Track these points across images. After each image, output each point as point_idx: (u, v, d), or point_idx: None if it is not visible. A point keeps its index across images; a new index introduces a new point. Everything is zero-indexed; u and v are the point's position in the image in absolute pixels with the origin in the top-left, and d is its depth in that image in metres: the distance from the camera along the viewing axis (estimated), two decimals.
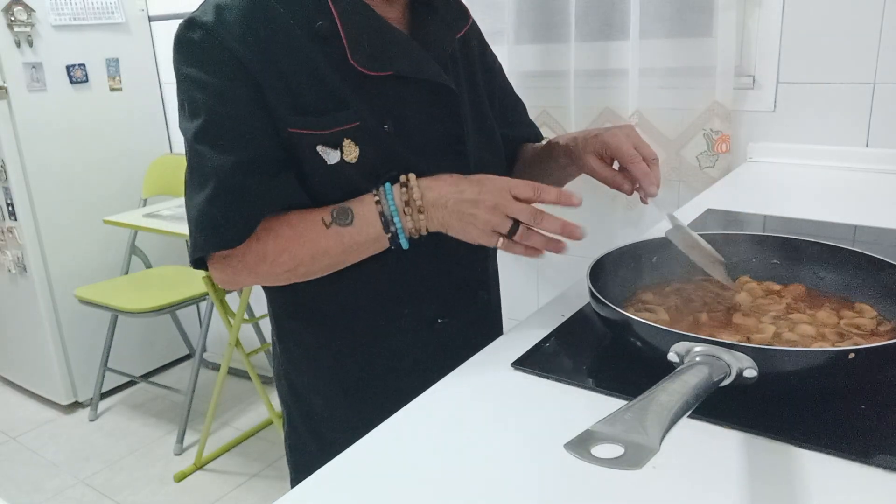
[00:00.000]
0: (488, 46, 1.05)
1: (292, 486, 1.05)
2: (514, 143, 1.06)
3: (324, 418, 0.98)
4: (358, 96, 0.81)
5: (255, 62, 0.77)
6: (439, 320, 0.94)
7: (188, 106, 0.80)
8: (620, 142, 0.87)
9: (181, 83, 0.80)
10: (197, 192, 0.79)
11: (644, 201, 0.89)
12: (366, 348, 0.93)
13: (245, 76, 0.77)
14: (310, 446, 1.01)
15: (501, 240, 0.78)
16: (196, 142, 0.79)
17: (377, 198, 0.79)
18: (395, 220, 0.79)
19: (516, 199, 0.76)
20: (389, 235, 0.80)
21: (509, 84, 1.09)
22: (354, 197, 0.81)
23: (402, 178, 0.80)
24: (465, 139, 0.89)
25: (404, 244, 0.80)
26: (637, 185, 0.87)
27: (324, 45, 0.80)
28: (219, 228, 0.78)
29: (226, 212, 0.78)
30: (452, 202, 0.77)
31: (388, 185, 0.80)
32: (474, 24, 1.01)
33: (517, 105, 1.10)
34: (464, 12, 0.96)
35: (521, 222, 0.76)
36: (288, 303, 0.95)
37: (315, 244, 0.80)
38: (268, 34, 0.78)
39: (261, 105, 0.78)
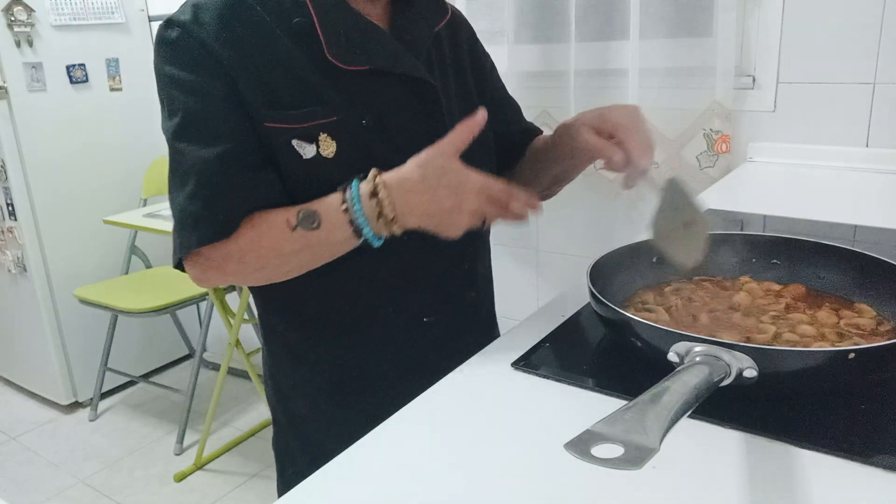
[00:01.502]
0: (480, 44, 1.04)
1: (278, 487, 1.06)
2: (512, 140, 1.05)
3: (308, 419, 0.98)
4: (336, 91, 0.81)
5: (231, 58, 0.78)
6: (424, 319, 0.93)
7: (167, 105, 0.81)
8: (619, 115, 0.84)
9: (160, 82, 0.81)
10: (178, 191, 0.79)
11: (628, 185, 0.84)
12: (350, 348, 0.93)
13: (221, 72, 0.78)
14: (294, 448, 1.00)
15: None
16: (175, 140, 0.79)
17: (345, 205, 0.76)
18: (366, 230, 0.76)
19: (491, 198, 0.75)
20: (361, 240, 0.78)
21: (503, 84, 1.09)
22: (331, 192, 0.79)
23: (370, 183, 0.75)
24: (444, 135, 0.88)
25: (376, 244, 0.78)
26: (627, 162, 0.82)
27: (301, 42, 0.80)
28: (200, 224, 0.78)
29: (206, 207, 0.77)
30: (431, 212, 0.75)
31: (355, 190, 0.76)
32: (465, 21, 1.01)
33: (512, 104, 1.09)
34: (442, 6, 0.95)
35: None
36: (272, 302, 0.95)
37: (280, 245, 0.78)
38: (244, 31, 0.79)
39: (237, 101, 0.79)
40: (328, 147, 0.81)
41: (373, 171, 0.76)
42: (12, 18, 2.41)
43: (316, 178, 0.81)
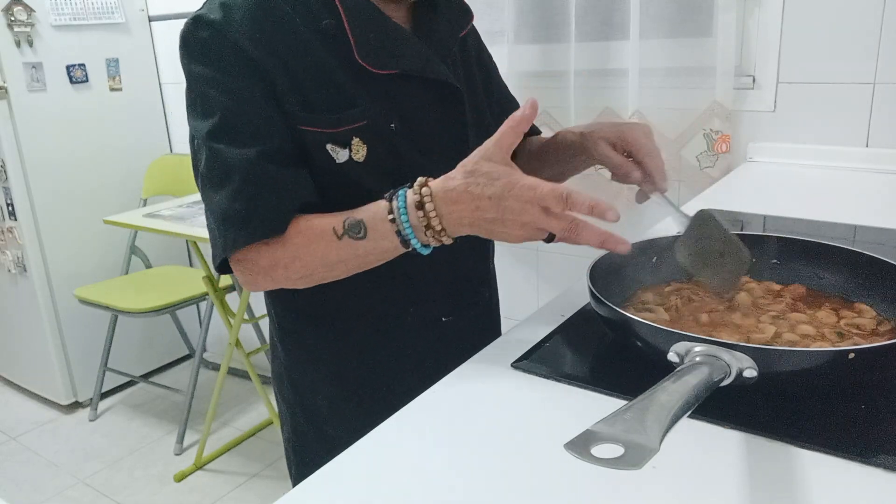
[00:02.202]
0: (485, 46, 1.05)
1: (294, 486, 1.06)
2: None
3: (328, 418, 0.98)
4: (365, 95, 0.81)
5: (265, 59, 0.77)
6: (443, 318, 0.94)
7: (200, 104, 0.79)
8: (638, 135, 0.86)
9: (192, 81, 0.79)
10: (218, 190, 0.78)
11: (640, 200, 0.88)
12: (370, 348, 0.93)
13: (256, 72, 0.77)
14: (315, 446, 1.00)
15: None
16: (213, 140, 0.77)
17: (391, 216, 0.73)
18: (413, 241, 0.73)
19: (546, 209, 0.68)
20: (409, 249, 0.75)
21: (504, 84, 1.09)
22: (361, 196, 0.77)
23: (415, 194, 0.72)
24: (468, 139, 0.89)
25: (424, 253, 0.75)
26: (644, 180, 0.86)
27: (330, 44, 0.80)
28: (248, 222, 0.76)
29: (253, 204, 0.76)
30: (477, 223, 0.71)
31: (402, 200, 0.72)
32: (472, 28, 1.01)
33: (513, 104, 1.10)
34: (466, 10, 0.96)
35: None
36: (290, 304, 0.95)
37: (327, 254, 0.77)
38: (275, 32, 0.78)
39: (273, 101, 0.78)
40: (360, 151, 0.81)
41: (420, 180, 0.73)
42: (12, 18, 2.41)
43: (347, 181, 0.81)
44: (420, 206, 0.71)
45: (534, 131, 1.09)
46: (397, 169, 0.82)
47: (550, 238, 0.71)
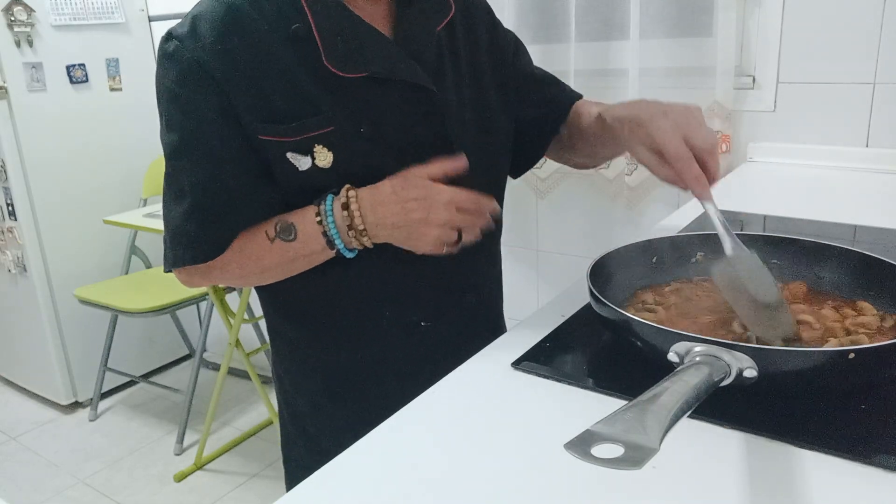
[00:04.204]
0: (500, 27, 0.98)
1: (286, 483, 1.07)
2: (546, 118, 0.99)
3: (308, 417, 0.99)
4: (333, 100, 0.80)
5: (224, 72, 0.77)
6: (422, 324, 0.93)
7: (165, 119, 0.82)
8: (666, 137, 0.73)
9: (159, 95, 0.82)
10: (173, 205, 0.82)
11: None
12: (349, 349, 0.93)
13: (213, 87, 0.78)
14: (298, 444, 1.02)
15: (446, 248, 0.81)
16: (172, 157, 0.82)
17: (319, 218, 0.80)
18: (337, 241, 0.80)
19: (460, 208, 0.80)
20: (334, 251, 0.82)
21: (529, 61, 1.02)
22: None
23: (342, 196, 0.79)
24: (447, 137, 0.86)
25: (348, 255, 0.82)
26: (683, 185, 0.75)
27: (298, 49, 0.79)
28: (193, 244, 0.81)
29: (201, 229, 0.81)
30: (401, 223, 0.79)
31: (329, 203, 0.80)
32: (483, 5, 0.97)
33: (544, 81, 1.02)
34: (444, 4, 0.90)
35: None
36: (276, 301, 0.95)
37: (260, 258, 0.83)
38: (240, 42, 0.78)
39: (230, 116, 0.78)
40: (324, 158, 0.80)
41: (346, 186, 0.80)
42: (12, 18, 2.41)
43: (313, 188, 0.81)
44: (345, 206, 0.79)
45: (574, 96, 1.01)
46: (367, 173, 0.81)
47: (459, 236, 0.82)
